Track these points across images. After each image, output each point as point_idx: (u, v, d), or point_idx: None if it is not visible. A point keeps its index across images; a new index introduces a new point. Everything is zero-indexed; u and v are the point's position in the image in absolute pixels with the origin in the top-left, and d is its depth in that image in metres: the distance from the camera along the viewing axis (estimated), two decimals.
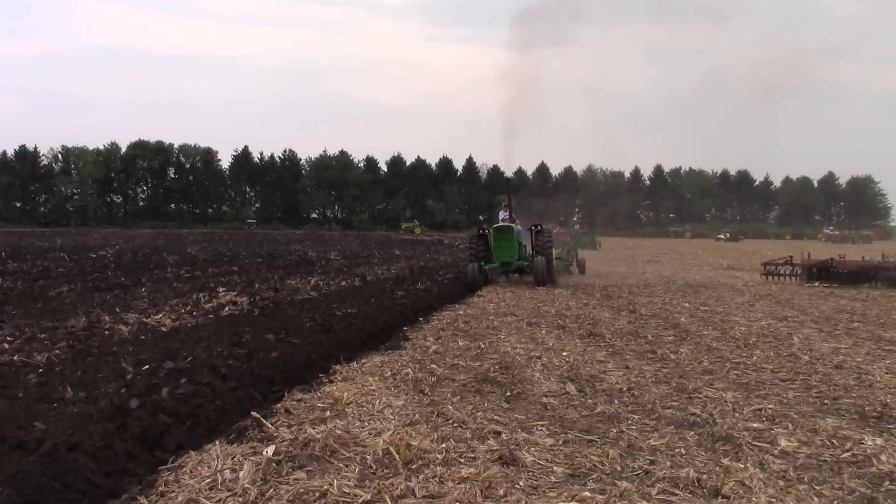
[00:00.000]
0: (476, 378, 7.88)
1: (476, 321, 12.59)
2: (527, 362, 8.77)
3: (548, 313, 13.87)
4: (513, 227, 20.86)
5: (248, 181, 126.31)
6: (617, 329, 11.72)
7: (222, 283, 18.26)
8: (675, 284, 21.72)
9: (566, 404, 6.82)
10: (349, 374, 7.91)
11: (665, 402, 6.85)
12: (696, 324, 12.51)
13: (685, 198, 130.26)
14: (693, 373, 8.28)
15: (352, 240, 64.73)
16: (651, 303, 15.97)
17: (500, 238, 20.62)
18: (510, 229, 20.72)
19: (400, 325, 12.05)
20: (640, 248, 58.95)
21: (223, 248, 41.56)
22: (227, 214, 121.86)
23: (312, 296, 16.23)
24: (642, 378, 7.90)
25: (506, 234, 20.62)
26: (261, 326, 10.70)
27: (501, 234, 20.65)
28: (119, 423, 5.28)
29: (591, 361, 8.85)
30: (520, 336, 10.96)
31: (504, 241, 20.55)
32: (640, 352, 9.69)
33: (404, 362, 8.70)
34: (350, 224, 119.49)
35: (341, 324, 11.06)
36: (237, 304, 13.93)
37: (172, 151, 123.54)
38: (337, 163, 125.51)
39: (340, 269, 25.64)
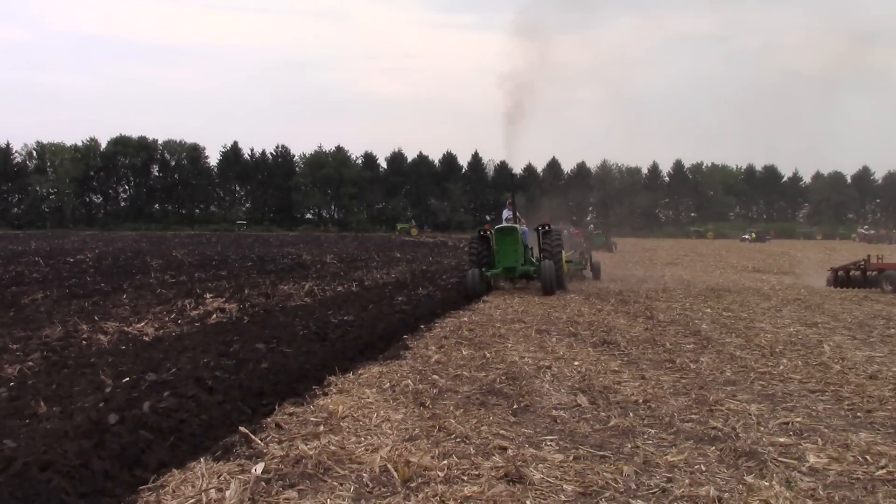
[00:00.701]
0: (481, 390, 7.88)
1: (481, 329, 12.59)
2: (535, 373, 8.77)
3: (558, 320, 13.86)
4: (517, 229, 20.27)
5: (237, 179, 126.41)
6: (633, 337, 11.71)
7: (210, 288, 18.31)
8: (696, 288, 21.70)
9: (577, 417, 6.81)
10: (345, 386, 7.91)
11: (684, 415, 6.83)
12: (719, 331, 12.49)
13: (707, 195, 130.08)
14: (714, 383, 8.26)
15: (349, 242, 64.81)
16: (670, 308, 15.96)
17: (503, 240, 19.93)
18: (514, 230, 20.11)
19: (400, 333, 12.06)
20: (659, 249, 58.94)
21: (211, 251, 41.66)
22: (215, 215, 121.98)
23: (306, 302, 16.29)
24: (659, 389, 7.88)
25: (509, 235, 19.95)
26: (250, 335, 10.74)
27: (504, 236, 19.96)
28: (96, 439, 5.28)
29: (604, 371, 8.84)
30: (528, 344, 10.95)
31: (507, 244, 19.87)
32: (658, 361, 9.68)
33: (404, 373, 8.70)
34: (347, 225, 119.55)
35: (337, 332, 11.06)
36: (225, 312, 13.97)
37: (156, 148, 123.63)
38: (333, 159, 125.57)
39: (337, 273, 25.68)
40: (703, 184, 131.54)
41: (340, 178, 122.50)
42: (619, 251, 52.56)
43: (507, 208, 22.55)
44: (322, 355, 9.29)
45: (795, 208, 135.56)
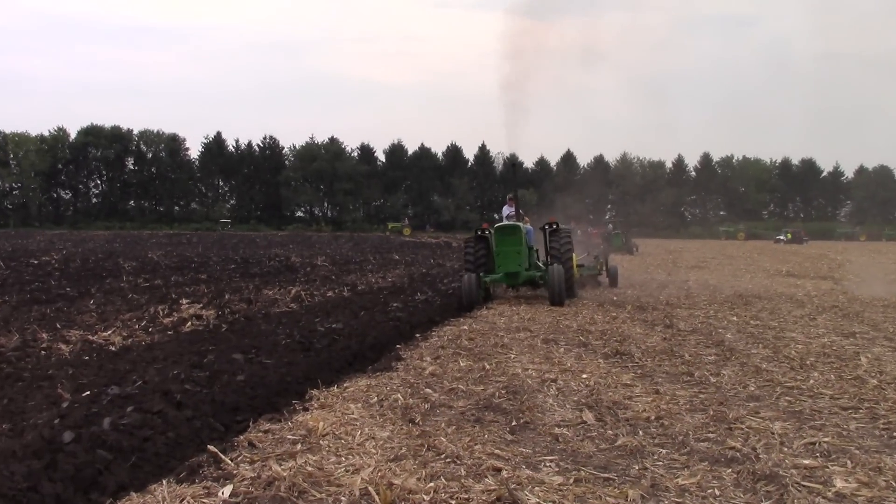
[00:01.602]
0: (477, 405, 7.88)
1: (483, 338, 12.59)
2: (539, 386, 8.77)
3: (568, 328, 13.85)
4: (520, 227, 19.14)
5: (221, 174, 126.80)
6: (649, 347, 11.70)
7: (186, 293, 18.35)
8: (723, 294, 21.65)
9: (581, 436, 6.81)
10: (328, 401, 7.91)
11: (699, 434, 6.82)
12: (744, 341, 12.46)
13: (738, 192, 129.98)
14: (736, 399, 8.24)
15: (343, 242, 64.86)
16: (692, 316, 15.93)
17: (504, 241, 18.82)
18: (516, 230, 18.98)
19: (393, 342, 12.08)
20: (684, 251, 58.84)
21: (191, 252, 41.70)
22: (196, 213, 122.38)
23: (292, 308, 16.32)
24: (674, 405, 7.87)
25: (511, 235, 18.85)
26: (228, 345, 10.79)
27: (505, 237, 18.86)
28: (48, 460, 5.29)
29: (614, 385, 8.84)
30: (533, 355, 10.95)
31: (509, 245, 18.77)
32: (675, 374, 9.67)
33: (394, 386, 8.71)
34: (342, 224, 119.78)
35: (323, 341, 11.09)
36: (202, 319, 14.02)
37: (131, 138, 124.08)
38: (326, 152, 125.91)
39: (328, 276, 25.70)
40: (734, 179, 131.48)
41: (334, 173, 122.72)
42: (640, 253, 52.48)
43: (508, 204, 21.89)
44: (305, 367, 9.31)
45: (836, 206, 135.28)
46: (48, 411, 6.64)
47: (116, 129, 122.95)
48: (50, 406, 6.88)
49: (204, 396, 7.37)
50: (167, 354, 9.79)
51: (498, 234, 18.99)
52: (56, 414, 6.46)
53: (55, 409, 6.67)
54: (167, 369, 8.47)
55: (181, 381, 7.77)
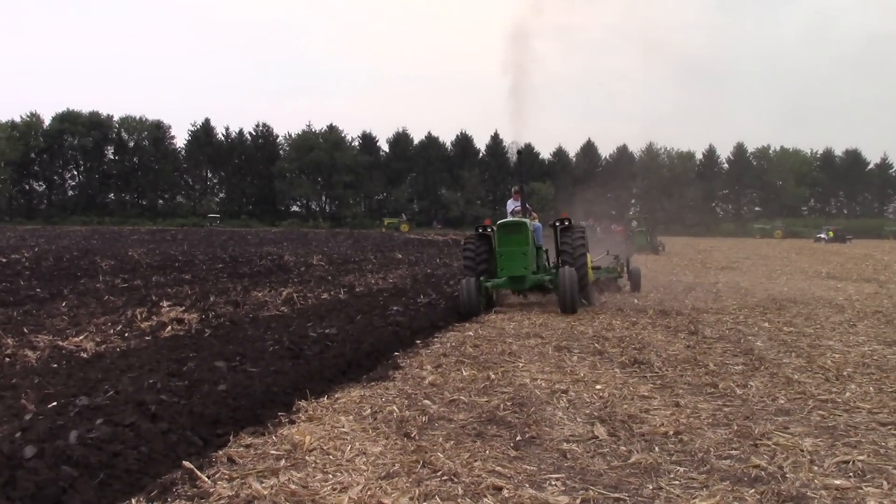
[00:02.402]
0: (480, 417, 7.89)
1: (489, 345, 12.61)
2: (548, 397, 8.77)
3: (583, 335, 13.85)
4: (526, 224, 18.42)
5: (209, 164, 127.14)
6: (670, 355, 11.69)
7: (168, 295, 18.43)
8: (755, 298, 21.59)
9: (592, 452, 6.81)
10: (316, 413, 7.94)
11: (721, 451, 6.81)
12: (776, 349, 12.44)
13: (775, 185, 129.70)
14: (763, 413, 8.22)
15: (342, 240, 65.04)
16: (719, 322, 15.90)
17: (509, 240, 18.19)
18: (522, 227, 18.30)
19: (391, 349, 12.11)
20: (715, 250, 58.76)
21: (175, 250, 41.85)
22: (182, 207, 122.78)
23: (282, 312, 16.36)
24: (695, 419, 7.87)
25: (516, 233, 18.22)
26: (210, 351, 10.80)
27: (510, 235, 18.23)
28: (7, 477, 5.30)
29: (631, 397, 8.85)
30: (543, 364, 10.97)
31: (514, 245, 18.11)
32: (697, 385, 9.65)
33: (390, 397, 8.74)
34: (341, 220, 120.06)
35: (314, 348, 11.09)
36: (183, 323, 14.06)
37: (111, 125, 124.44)
38: (324, 141, 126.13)
39: (323, 277, 25.76)
40: (771, 172, 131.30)
41: (333, 164, 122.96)
42: (666, 253, 52.41)
43: (514, 198, 21.28)
44: (293, 376, 9.31)
45: (884, 201, 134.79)
46: (9, 424, 6.65)
47: (95, 114, 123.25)
48: (11, 418, 6.90)
49: (181, 408, 7.37)
50: (143, 362, 9.80)
51: (501, 233, 18.32)
52: (18, 427, 6.47)
53: (17, 422, 6.68)
54: (142, 378, 8.48)
55: (157, 391, 7.78)
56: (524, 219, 18.94)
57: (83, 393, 7.73)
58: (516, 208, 20.50)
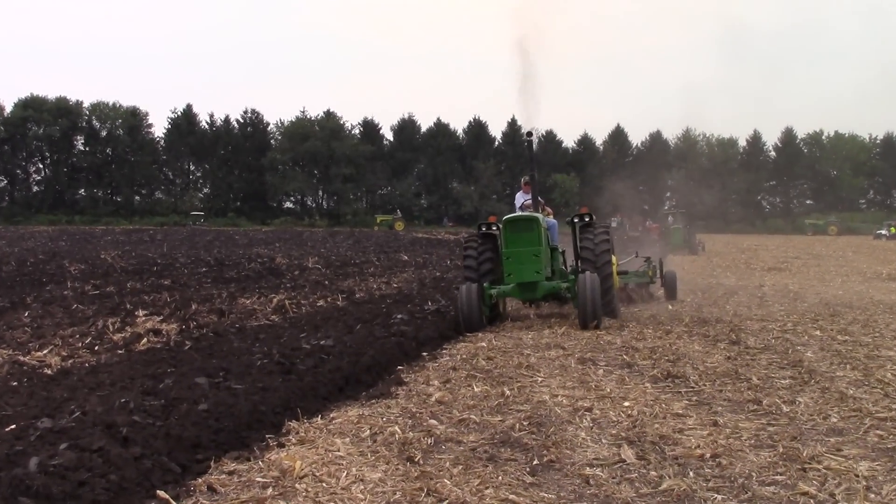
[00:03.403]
0: (493, 439, 7.89)
1: (504, 357, 12.64)
2: (570, 416, 8.77)
3: (610, 345, 13.84)
4: (537, 220, 17.40)
5: (192, 156, 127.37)
6: (708, 368, 11.66)
7: (144, 303, 18.49)
8: (805, 303, 21.57)
9: (618, 477, 6.79)
10: (309, 435, 7.96)
11: (765, 476, 6.79)
12: (828, 361, 12.39)
13: (829, 176, 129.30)
14: (813, 432, 8.19)
15: (341, 240, 65.16)
16: (764, 330, 15.87)
17: (517, 239, 17.18)
18: (533, 223, 17.30)
19: (394, 362, 12.14)
20: (760, 249, 58.62)
21: (153, 252, 41.99)
22: (161, 204, 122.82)
23: (273, 321, 16.44)
24: (736, 440, 7.84)
25: (526, 231, 17.21)
26: (191, 366, 10.84)
27: (519, 233, 17.22)
28: None
29: (663, 415, 8.83)
30: (565, 378, 10.97)
31: (523, 245, 17.11)
32: (739, 402, 9.62)
33: (392, 417, 8.75)
34: (340, 217, 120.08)
35: (308, 362, 11.11)
36: (161, 335, 14.13)
37: (81, 113, 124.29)
38: (321, 129, 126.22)
39: (319, 282, 25.84)
40: (824, 160, 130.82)
41: (331, 155, 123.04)
42: (706, 252, 52.30)
43: (524, 190, 20.61)
44: (284, 393, 9.31)
45: None
46: None
47: (62, 100, 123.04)
48: None
49: (157, 430, 7.38)
50: (115, 379, 9.82)
51: (508, 231, 17.29)
52: None
53: None
54: (113, 397, 8.49)
55: (129, 412, 7.78)
56: (536, 213, 18.08)
57: (45, 414, 7.74)
58: (526, 202, 19.73)
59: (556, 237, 19.08)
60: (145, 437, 7.16)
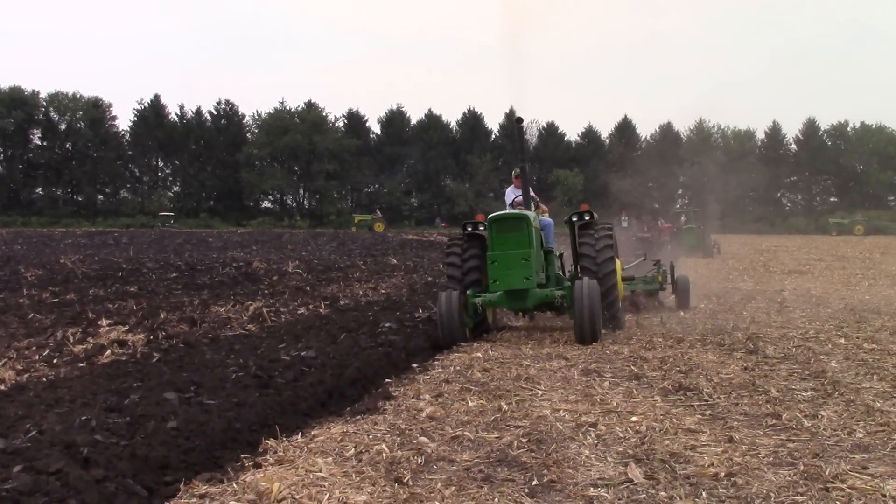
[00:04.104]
0: (488, 458, 7.88)
1: (502, 368, 12.65)
2: (573, 432, 8.76)
3: (617, 355, 13.86)
4: (528, 218, 16.61)
5: (160, 151, 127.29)
6: (723, 380, 11.68)
7: (109, 312, 18.44)
8: (829, 309, 21.61)
9: (625, 499, 6.79)
10: (288, 454, 7.94)
11: (785, 496, 6.79)
12: (853, 371, 12.42)
13: (855, 171, 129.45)
14: (837, 449, 8.19)
15: (324, 242, 65.06)
16: (784, 338, 15.90)
17: (506, 240, 16.39)
18: (522, 222, 16.53)
19: (382, 375, 12.18)
20: (780, 250, 58.73)
21: (118, 256, 41.88)
22: (127, 204, 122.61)
23: (249, 331, 16.46)
24: (753, 457, 7.84)
25: (515, 231, 16.44)
26: (159, 380, 10.82)
27: (506, 233, 16.44)
28: None
29: (674, 431, 8.83)
30: (567, 391, 10.98)
31: (511, 246, 16.32)
32: (756, 416, 9.63)
33: (379, 434, 8.74)
34: (323, 217, 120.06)
35: (287, 375, 11.15)
36: (126, 346, 14.10)
37: (37, 104, 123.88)
38: (302, 122, 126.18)
39: (300, 288, 25.84)
40: (850, 154, 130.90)
41: (312, 150, 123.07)
42: (721, 254, 52.31)
43: (515, 185, 19.78)
44: (261, 409, 9.32)
45: None
46: None
47: (17, 90, 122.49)
48: None
49: (121, 450, 7.36)
50: (75, 394, 9.79)
51: (494, 231, 16.58)
52: None
53: None
54: (73, 414, 8.48)
55: (91, 431, 7.76)
56: (527, 211, 17.31)
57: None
58: (518, 198, 18.95)
59: (551, 238, 18.37)
60: (108, 457, 7.14)
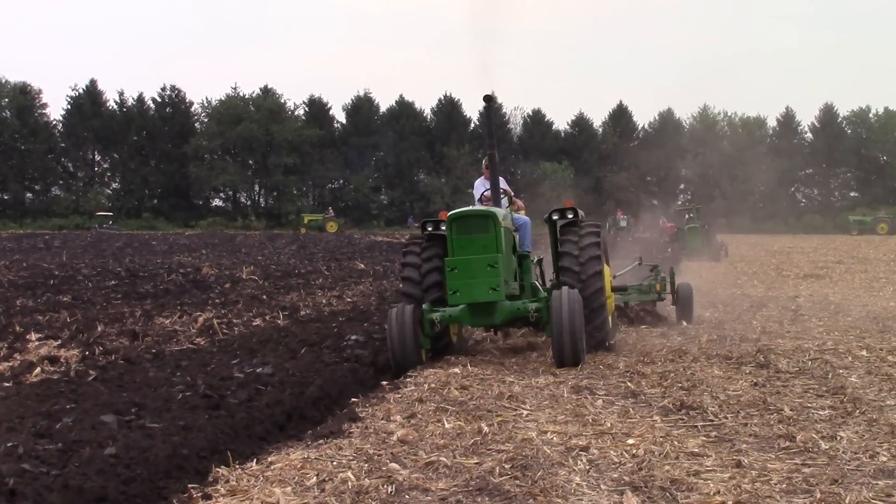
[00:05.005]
0: (467, 486, 7.89)
1: (482, 385, 12.64)
2: (562, 457, 8.76)
3: (612, 370, 13.91)
4: (495, 216, 15.53)
5: (98, 143, 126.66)
6: (730, 397, 11.71)
7: (38, 325, 18.47)
8: (849, 317, 21.70)
9: None
10: (242, 483, 7.95)
11: None
12: (876, 387, 12.46)
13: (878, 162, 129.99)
14: (858, 474, 8.21)
15: (283, 245, 65.05)
16: (798, 350, 15.94)
17: (467, 244, 15.29)
18: (489, 221, 15.44)
19: (347, 394, 12.22)
20: (794, 252, 58.98)
21: (49, 262, 41.76)
22: (60, 203, 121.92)
23: (198, 345, 16.44)
24: (764, 484, 7.86)
25: (479, 233, 15.36)
26: (95, 401, 10.81)
27: (469, 235, 15.38)
28: None
29: (675, 455, 8.84)
30: (556, 411, 10.99)
31: (475, 251, 15.15)
32: (767, 437, 9.65)
33: (344, 460, 8.74)
34: (282, 217, 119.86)
35: (241, 394, 11.17)
36: (58, 363, 14.09)
37: None
38: (256, 110, 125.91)
39: (256, 296, 25.86)
40: (872, 143, 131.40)
41: (269, 141, 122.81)
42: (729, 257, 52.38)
43: (485, 176, 18.80)
44: (211, 433, 9.33)
45: None
46: None
47: None
48: None
49: (52, 481, 7.35)
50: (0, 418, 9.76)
51: (456, 231, 15.54)
52: None
53: None
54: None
55: (17, 459, 7.76)
56: (494, 208, 16.35)
57: None
58: (487, 192, 17.94)
59: (527, 240, 17.57)
60: (37, 489, 7.14)
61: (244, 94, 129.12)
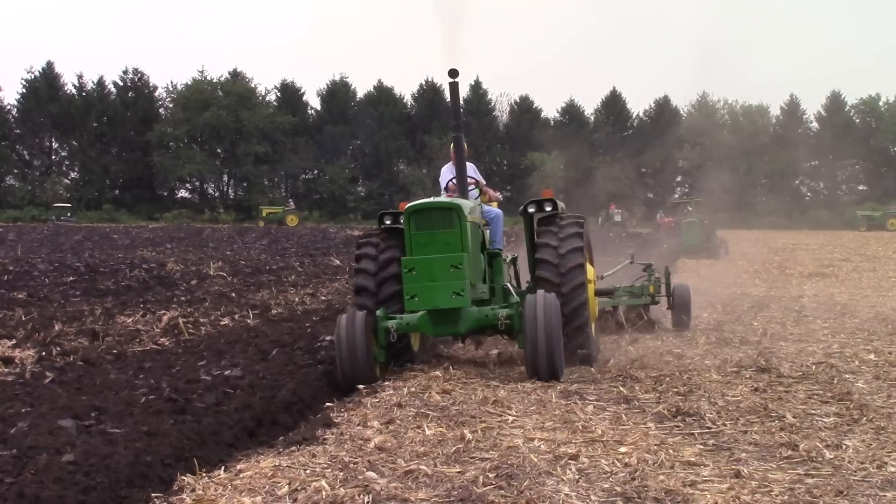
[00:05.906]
0: (449, 496, 7.90)
1: (465, 389, 12.66)
2: (549, 466, 8.78)
3: (603, 374, 13.95)
4: (459, 209, 14.43)
5: (55, 130, 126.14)
6: (729, 403, 11.75)
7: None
8: (856, 319, 21.75)
9: None
10: (209, 492, 7.95)
11: None
12: (884, 392, 12.52)
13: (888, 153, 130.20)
14: (865, 486, 8.24)
15: (253, 239, 64.93)
16: (802, 353, 16.01)
17: (427, 241, 14.26)
18: (452, 215, 14.36)
19: (321, 398, 12.28)
20: (798, 249, 59.07)
21: (3, 256, 41.54)
22: (14, 193, 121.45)
23: (162, 346, 16.40)
24: (764, 495, 7.89)
25: (441, 228, 14.30)
26: (52, 405, 10.80)
27: (430, 231, 14.30)
28: None
29: (670, 464, 8.86)
30: (543, 417, 11.01)
31: (435, 250, 14.13)
32: (768, 446, 9.68)
33: (318, 468, 8.75)
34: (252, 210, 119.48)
35: (208, 398, 11.17)
36: (12, 364, 14.06)
37: None
38: (225, 95, 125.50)
39: (224, 294, 25.83)
40: (881, 133, 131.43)
41: (239, 129, 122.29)
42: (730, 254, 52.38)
43: (450, 165, 17.77)
44: (176, 439, 9.30)
45: None
46: None
47: None
48: None
49: (6, 489, 7.35)
50: None
51: (415, 226, 14.46)
52: None
53: None
54: None
55: None
56: (459, 199, 15.33)
57: None
58: (453, 181, 17.02)
59: (499, 236, 16.70)
60: None
61: (212, 78, 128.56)
